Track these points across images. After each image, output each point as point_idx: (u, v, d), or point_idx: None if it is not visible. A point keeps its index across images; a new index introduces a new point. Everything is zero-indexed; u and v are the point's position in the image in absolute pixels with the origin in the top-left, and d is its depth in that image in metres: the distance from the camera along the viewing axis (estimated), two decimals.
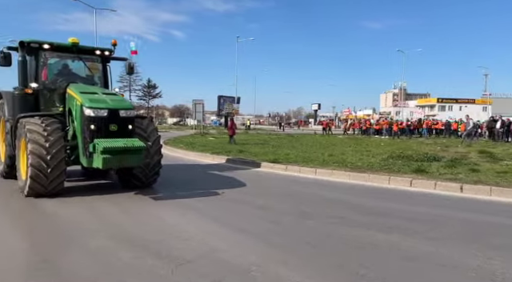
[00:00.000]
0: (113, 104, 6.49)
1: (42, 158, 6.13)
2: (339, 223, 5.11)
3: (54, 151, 6.24)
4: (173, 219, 5.28)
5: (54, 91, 7.71)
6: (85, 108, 6.30)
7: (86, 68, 8.40)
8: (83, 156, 6.42)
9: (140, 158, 6.26)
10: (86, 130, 6.31)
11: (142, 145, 6.24)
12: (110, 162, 5.95)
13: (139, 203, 6.23)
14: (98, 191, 7.20)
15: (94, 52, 8.09)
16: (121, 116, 6.50)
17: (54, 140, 6.29)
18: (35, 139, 6.19)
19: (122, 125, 6.52)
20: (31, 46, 7.40)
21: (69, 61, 8.30)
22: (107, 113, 6.37)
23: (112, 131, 6.42)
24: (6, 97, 7.98)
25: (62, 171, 6.37)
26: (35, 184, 6.18)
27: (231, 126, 18.52)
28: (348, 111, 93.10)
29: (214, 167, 10.66)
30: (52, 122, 6.58)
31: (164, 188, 7.43)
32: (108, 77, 8.47)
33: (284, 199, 6.68)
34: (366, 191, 7.64)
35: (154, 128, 7.54)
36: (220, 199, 6.65)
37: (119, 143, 6.05)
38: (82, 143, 6.39)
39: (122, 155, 6.04)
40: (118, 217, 5.40)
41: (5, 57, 7.28)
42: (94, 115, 6.29)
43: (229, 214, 5.58)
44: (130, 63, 8.67)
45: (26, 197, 6.30)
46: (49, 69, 7.99)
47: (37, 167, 6.10)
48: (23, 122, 6.47)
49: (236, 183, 8.24)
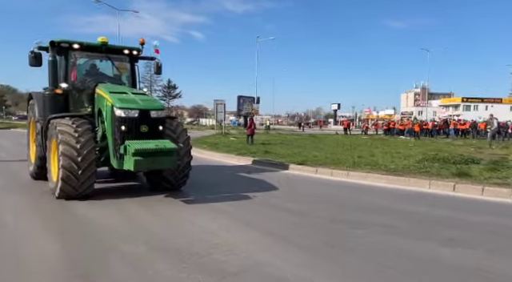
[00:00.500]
0: (143, 104, 6.30)
1: (73, 159, 5.99)
2: (390, 232, 4.70)
3: (85, 152, 6.09)
4: (207, 225, 5.00)
5: (83, 92, 7.61)
6: (115, 109, 6.13)
7: (114, 68, 8.29)
8: (113, 158, 6.25)
9: (172, 160, 6.04)
10: (117, 131, 6.14)
11: (174, 147, 6.01)
12: (142, 164, 5.74)
13: (170, 207, 6.01)
14: (128, 193, 7.03)
15: (122, 51, 7.96)
16: (151, 117, 6.30)
17: (84, 141, 6.15)
18: (66, 141, 6.06)
19: (153, 126, 6.32)
20: (61, 46, 7.32)
21: (97, 61, 8.20)
22: (138, 113, 6.17)
23: (142, 132, 6.22)
24: (37, 98, 7.95)
25: (93, 173, 6.22)
26: (66, 186, 6.05)
27: (250, 126, 18.27)
28: (369, 111, 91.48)
29: (241, 169, 10.37)
30: (82, 123, 6.45)
31: (194, 191, 7.19)
32: (136, 77, 8.33)
33: (321, 205, 6.31)
34: (408, 196, 7.17)
35: (183, 129, 7.32)
36: (252, 203, 6.35)
37: (151, 145, 5.84)
38: (113, 144, 6.22)
39: (154, 157, 5.82)
40: (150, 222, 5.17)
41: (35, 57, 7.22)
42: (125, 116, 6.10)
43: (265, 220, 5.26)
44: (158, 63, 8.48)
45: (56, 199, 6.19)
46: (77, 69, 7.92)
47: (68, 168, 5.97)
48: (54, 122, 6.36)
49: (266, 185, 7.92)
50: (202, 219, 5.31)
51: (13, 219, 5.16)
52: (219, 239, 4.35)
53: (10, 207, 5.78)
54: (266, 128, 38.88)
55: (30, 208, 5.78)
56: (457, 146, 19.01)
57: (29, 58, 7.18)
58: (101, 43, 7.59)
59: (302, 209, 5.92)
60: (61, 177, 5.99)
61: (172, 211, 5.81)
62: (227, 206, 6.06)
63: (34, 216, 5.32)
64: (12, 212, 5.50)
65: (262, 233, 4.64)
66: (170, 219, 5.34)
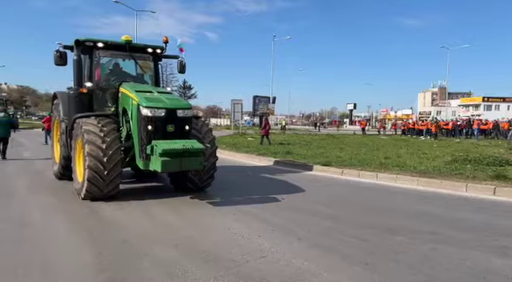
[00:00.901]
0: (170, 103, 6.13)
1: (98, 160, 5.88)
2: (436, 240, 4.37)
3: (111, 152, 5.97)
4: (237, 229, 4.78)
5: (106, 91, 7.52)
6: (141, 108, 5.98)
7: (137, 67, 8.18)
8: (139, 158, 6.10)
9: (199, 161, 5.84)
10: (143, 131, 5.99)
11: (202, 147, 5.82)
12: (169, 165, 5.57)
13: (198, 210, 5.82)
14: (152, 193, 6.89)
15: (145, 50, 7.83)
16: (178, 116, 6.12)
17: (110, 141, 6.03)
18: (92, 140, 5.95)
19: (180, 125, 6.15)
20: (86, 45, 7.24)
21: (119, 60, 8.10)
22: (165, 113, 6.01)
23: (169, 132, 6.06)
24: (61, 97, 7.91)
25: (118, 174, 6.09)
26: (92, 187, 5.94)
27: (265, 126, 18.05)
28: (385, 111, 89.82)
29: (264, 170, 10.14)
30: (108, 123, 6.33)
31: (219, 193, 6.99)
32: (159, 76, 8.20)
33: (353, 208, 6.01)
34: (444, 199, 6.78)
35: (209, 129, 7.13)
36: (281, 206, 6.09)
37: (178, 145, 5.66)
38: (139, 144, 6.08)
39: (181, 158, 5.64)
40: (179, 224, 4.98)
41: (61, 56, 7.16)
42: (152, 115, 5.95)
43: (297, 224, 5.00)
44: (182, 61, 8.33)
45: (82, 200, 6.09)
46: (101, 68, 7.83)
47: (94, 169, 5.86)
48: (80, 122, 6.27)
49: (292, 187, 7.66)
50: (231, 222, 5.09)
51: (41, 220, 5.06)
52: (253, 245, 4.13)
53: (37, 208, 5.70)
54: (282, 128, 38.49)
55: (56, 209, 5.69)
56: (483, 146, 18.28)
57: (54, 57, 7.13)
58: (125, 42, 7.49)
59: (334, 213, 5.63)
60: (87, 178, 5.88)
61: (199, 213, 5.62)
62: (256, 209, 5.82)
63: (61, 218, 5.22)
64: (39, 213, 5.41)
65: (296, 239, 4.38)
66: (199, 222, 5.15)
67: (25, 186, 7.41)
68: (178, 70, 8.37)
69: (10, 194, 6.57)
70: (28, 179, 8.22)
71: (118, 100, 7.21)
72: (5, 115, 12.21)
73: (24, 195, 6.58)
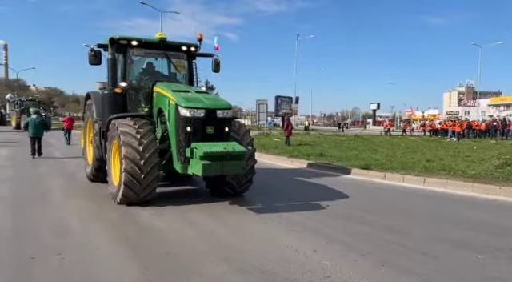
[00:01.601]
0: (210, 103, 5.78)
1: (135, 163, 5.60)
2: None
3: (148, 155, 5.68)
4: (288, 240, 4.35)
5: (139, 91, 7.28)
6: (180, 108, 5.66)
7: (171, 66, 7.91)
8: (177, 161, 5.79)
9: (241, 165, 5.46)
10: (181, 132, 5.67)
11: (243, 150, 5.44)
12: (210, 169, 5.21)
13: (241, 217, 5.43)
14: (188, 198, 6.58)
15: (180, 48, 7.53)
16: (218, 117, 5.77)
17: (147, 143, 5.74)
18: (129, 142, 5.68)
19: (219, 127, 5.79)
20: (120, 43, 7.01)
21: (152, 58, 7.85)
22: (204, 113, 5.67)
23: (208, 134, 5.71)
24: (95, 98, 7.73)
25: (155, 178, 5.80)
26: (128, 192, 5.67)
27: (287, 127, 17.57)
28: (411, 111, 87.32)
29: (299, 173, 9.68)
30: (144, 124, 6.05)
31: (258, 198, 6.60)
32: (194, 75, 7.89)
33: (410, 218, 5.46)
34: (508, 209, 6.13)
35: (247, 130, 6.75)
36: (328, 214, 5.62)
37: (219, 148, 5.30)
38: (177, 146, 5.76)
39: (223, 162, 5.28)
40: (225, 235, 4.60)
41: (95, 55, 6.96)
42: (191, 116, 5.62)
43: (352, 236, 4.52)
44: (217, 60, 7.98)
45: (118, 204, 5.84)
46: (134, 67, 7.61)
47: (130, 172, 5.58)
48: (116, 123, 6.02)
49: (334, 193, 7.17)
50: (279, 232, 4.68)
51: (79, 228, 4.81)
52: (312, 262, 3.69)
53: (74, 214, 5.47)
54: (306, 129, 37.85)
55: (94, 215, 5.44)
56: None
57: (88, 56, 6.94)
58: (159, 39, 7.21)
59: (390, 224, 5.11)
60: (123, 182, 5.61)
61: (243, 221, 5.24)
62: (301, 217, 5.38)
63: (100, 225, 4.95)
64: (77, 220, 5.17)
65: (359, 255, 3.91)
66: (245, 232, 4.77)
67: (59, 188, 7.26)
68: (213, 69, 8.02)
69: (46, 197, 6.41)
70: (61, 181, 8.10)
71: (152, 100, 6.97)
72: (38, 117, 12.55)
73: (59, 198, 6.40)
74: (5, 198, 6.27)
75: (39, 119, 12.35)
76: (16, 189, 7.04)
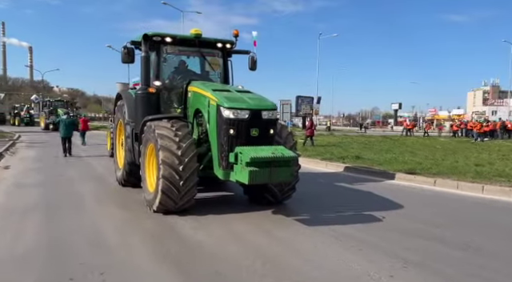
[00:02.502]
0: (254, 104, 5.28)
1: (174, 168, 5.15)
2: None
3: (187, 160, 5.23)
4: (355, 261, 3.79)
5: (172, 91, 6.87)
6: (223, 109, 5.18)
7: (205, 64, 7.49)
8: (218, 167, 5.31)
9: (290, 171, 4.92)
10: (223, 135, 5.19)
11: (293, 155, 4.90)
12: (258, 176, 4.69)
13: (289, 230, 4.90)
14: (227, 206, 6.10)
15: (215, 45, 7.07)
16: (263, 118, 5.26)
17: (186, 147, 5.29)
18: (167, 146, 5.24)
19: (264, 129, 5.28)
20: (153, 40, 6.61)
21: (184, 56, 7.43)
22: (248, 114, 5.17)
23: (252, 137, 5.21)
24: (126, 98, 7.37)
25: (195, 184, 5.34)
26: (166, 199, 5.24)
27: (310, 127, 16.89)
28: (434, 111, 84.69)
29: (338, 178, 9.05)
30: (182, 126, 5.61)
31: (301, 207, 6.06)
32: (229, 74, 7.40)
33: (485, 233, 4.79)
34: None
35: (289, 132, 6.21)
36: (389, 228, 5.00)
37: (267, 153, 4.78)
38: (218, 151, 5.29)
39: (271, 168, 4.76)
40: (277, 252, 4.08)
41: (128, 53, 6.56)
42: (234, 118, 5.13)
43: (430, 259, 3.89)
44: (254, 57, 7.47)
45: (153, 213, 5.42)
46: (167, 66, 7.20)
47: (169, 178, 5.14)
48: (152, 125, 5.59)
49: (385, 201, 6.53)
50: (340, 250, 4.12)
51: (117, 241, 4.39)
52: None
53: (109, 224, 5.08)
54: (328, 129, 36.97)
55: (130, 226, 5.03)
56: None
57: (121, 54, 6.56)
58: (194, 36, 6.76)
59: (465, 241, 4.46)
60: (161, 188, 5.18)
61: (293, 234, 4.70)
62: (359, 232, 4.78)
63: (138, 238, 4.51)
64: (113, 231, 4.77)
65: (432, 276, 3.31)
66: (299, 248, 4.22)
67: (91, 194, 6.93)
68: (249, 67, 7.51)
69: (79, 205, 6.06)
70: (92, 185, 7.78)
71: (186, 101, 6.55)
72: (68, 117, 13.17)
73: (92, 206, 6.04)
74: (38, 205, 5.97)
75: (69, 120, 12.82)
76: (47, 195, 6.75)
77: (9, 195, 6.71)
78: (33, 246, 4.10)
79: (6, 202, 6.14)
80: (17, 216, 5.24)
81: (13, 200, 6.25)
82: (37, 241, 4.26)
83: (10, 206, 5.84)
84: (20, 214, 5.37)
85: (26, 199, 6.34)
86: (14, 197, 6.51)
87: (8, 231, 4.57)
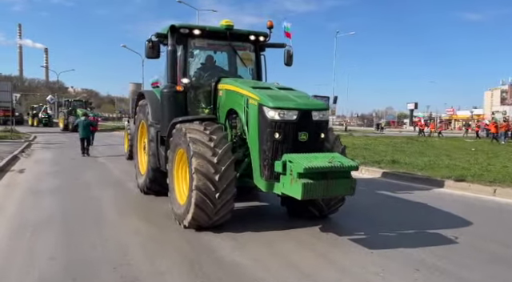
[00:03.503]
0: (303, 103, 4.52)
1: (209, 178, 4.43)
2: None
3: (223, 168, 4.49)
4: None
5: (198, 89, 6.16)
6: (267, 109, 4.42)
7: (234, 59, 6.75)
8: (260, 177, 4.56)
9: (350, 184, 4.14)
10: (267, 140, 4.44)
11: (354, 165, 4.11)
12: (313, 190, 3.92)
13: (344, 251, 4.14)
14: (264, 220, 5.37)
15: (248, 38, 6.32)
16: (313, 120, 4.49)
17: (222, 153, 4.55)
18: (201, 153, 4.51)
19: (314, 133, 4.51)
20: (181, 33, 5.91)
21: (210, 51, 6.71)
22: (297, 116, 4.40)
23: (301, 142, 4.44)
24: (150, 97, 6.69)
25: (232, 197, 4.60)
26: (200, 214, 4.51)
27: None
28: (452, 111, 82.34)
29: (379, 185, 8.18)
30: (217, 129, 4.87)
31: (352, 223, 5.27)
32: (262, 70, 6.65)
33: None
34: None
35: (337, 136, 5.41)
36: (463, 250, 4.18)
37: (322, 162, 4.00)
38: (260, 158, 4.54)
39: (328, 181, 3.98)
40: (334, 279, 3.31)
41: (153, 47, 5.87)
42: (281, 119, 4.37)
43: None
44: (290, 51, 6.69)
45: (184, 228, 4.71)
46: (193, 61, 6.49)
47: (203, 190, 4.42)
48: (183, 128, 4.87)
49: (446, 215, 5.70)
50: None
51: (146, 264, 3.68)
52: None
53: (135, 241, 4.38)
54: (346, 130, 35.94)
55: (159, 244, 4.32)
56: None
57: (145, 48, 5.87)
58: (225, 27, 6.03)
59: None
60: (194, 202, 4.45)
61: (352, 259, 3.92)
62: (436, 257, 3.94)
63: (171, 260, 3.80)
64: (140, 251, 4.06)
65: None
66: (364, 278, 3.44)
67: (110, 203, 6.27)
68: (285, 62, 6.74)
69: (99, 217, 5.40)
70: (111, 192, 7.13)
71: (215, 100, 5.84)
72: (86, 119, 13.27)
73: (113, 218, 5.36)
74: (53, 217, 5.33)
75: (86, 121, 13.01)
76: (65, 204, 6.12)
77: (22, 203, 6.11)
78: (48, 275, 3.42)
79: (18, 213, 5.52)
80: (29, 233, 4.59)
81: (26, 211, 5.64)
82: (52, 267, 3.58)
83: (23, 219, 5.21)
84: (33, 229, 4.72)
85: (41, 209, 5.72)
86: (27, 207, 5.90)
87: (19, 255, 3.90)
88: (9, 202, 6.19)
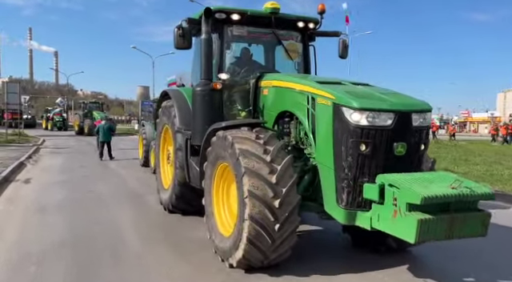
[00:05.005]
0: (400, 102, 3.35)
1: (267, 204, 3.29)
2: None
3: (285, 190, 3.35)
4: None
5: (232, 88, 5.08)
6: (348, 111, 3.26)
7: (272, 52, 5.69)
8: (337, 204, 3.38)
9: (481, 220, 2.93)
10: (348, 153, 3.27)
11: (489, 192, 2.91)
12: (431, 230, 2.73)
13: None
14: (327, 253, 4.25)
15: (295, 24, 5.19)
16: (413, 126, 3.30)
17: (283, 170, 3.41)
18: (255, 169, 3.37)
19: (414, 144, 3.32)
20: (216, 19, 4.79)
21: (244, 43, 5.59)
22: (393, 120, 3.22)
23: (397, 157, 3.25)
24: (177, 97, 5.57)
25: (295, 228, 3.45)
26: (254, 251, 3.37)
27: None
28: (467, 113, 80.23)
29: None
30: (272, 138, 3.71)
31: (450, 262, 4.06)
32: (310, 65, 5.51)
33: None
34: None
35: None
36: None
37: (442, 188, 2.81)
38: (336, 177, 3.37)
39: (452, 215, 2.80)
40: None
41: (183, 35, 4.76)
42: (370, 125, 3.20)
43: None
44: (345, 40, 5.54)
45: (230, 268, 3.57)
46: (229, 54, 5.38)
47: (259, 220, 3.28)
48: (228, 136, 3.72)
49: None
50: None
51: None
52: None
53: (160, 278, 3.26)
54: None
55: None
56: None
57: (174, 36, 4.76)
58: (271, 10, 4.91)
59: None
60: (247, 235, 3.31)
61: None
62: None
63: None
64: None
65: None
66: None
67: (130, 225, 5.17)
68: (340, 54, 5.57)
69: (117, 246, 4.30)
70: (129, 210, 6.03)
71: (256, 100, 4.77)
72: (106, 123, 13.15)
73: (136, 249, 4.23)
74: (64, 244, 4.29)
75: (108, 125, 12.76)
76: (76, 227, 5.03)
77: (25, 226, 5.05)
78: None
79: (20, 239, 4.49)
80: (33, 266, 3.60)
81: (29, 236, 4.59)
82: None
83: (26, 247, 4.18)
84: (38, 261, 3.75)
85: (47, 233, 4.66)
86: (31, 230, 4.85)
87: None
88: (9, 223, 5.14)
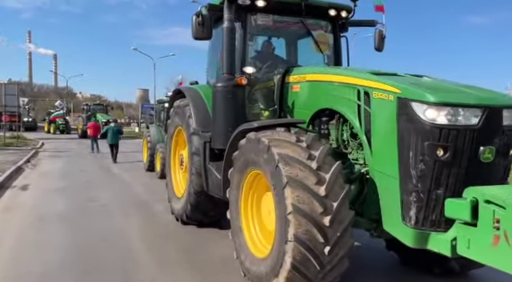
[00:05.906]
0: (487, 97, 2.76)
1: (315, 221, 2.67)
2: None
3: (336, 205, 2.73)
4: None
5: (254, 85, 4.50)
6: (421, 106, 2.65)
7: (294, 45, 5.20)
8: (401, 221, 2.76)
9: None
10: (419, 159, 2.66)
11: None
12: None
13: None
14: (374, 272, 3.58)
15: (326, 12, 4.59)
16: (504, 125, 2.68)
17: (332, 180, 2.79)
18: (299, 179, 2.75)
19: (504, 147, 2.71)
20: (239, 5, 4.18)
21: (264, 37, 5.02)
22: (479, 117, 2.60)
23: (484, 164, 2.64)
24: (192, 96, 4.96)
25: (348, 251, 2.82)
26: (298, 279, 2.75)
27: None
28: None
29: None
30: (315, 140, 3.10)
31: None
32: (342, 59, 4.92)
33: None
34: None
35: None
36: None
37: None
38: (401, 190, 2.75)
39: None
40: None
41: (203, 23, 4.13)
42: (450, 124, 2.58)
43: None
44: (382, 32, 4.92)
45: None
46: (251, 47, 4.79)
47: (306, 242, 2.66)
48: (263, 139, 3.08)
49: None
50: None
51: None
52: None
53: None
54: None
55: None
56: None
57: (192, 25, 4.13)
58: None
59: None
60: (291, 261, 2.68)
61: None
62: None
63: None
64: None
65: None
66: None
67: (140, 241, 4.54)
68: (376, 46, 4.95)
69: (128, 267, 3.66)
70: (137, 222, 5.41)
71: (282, 98, 4.21)
72: (115, 125, 13.24)
73: (150, 272, 3.60)
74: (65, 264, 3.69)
75: (116, 128, 12.90)
76: (78, 243, 4.40)
77: (21, 241, 4.42)
78: None
79: (16, 257, 3.85)
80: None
81: (25, 254, 3.95)
82: None
83: (22, 267, 3.55)
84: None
85: (46, 251, 4.05)
86: (27, 246, 4.22)
87: None
88: (4, 238, 4.51)
